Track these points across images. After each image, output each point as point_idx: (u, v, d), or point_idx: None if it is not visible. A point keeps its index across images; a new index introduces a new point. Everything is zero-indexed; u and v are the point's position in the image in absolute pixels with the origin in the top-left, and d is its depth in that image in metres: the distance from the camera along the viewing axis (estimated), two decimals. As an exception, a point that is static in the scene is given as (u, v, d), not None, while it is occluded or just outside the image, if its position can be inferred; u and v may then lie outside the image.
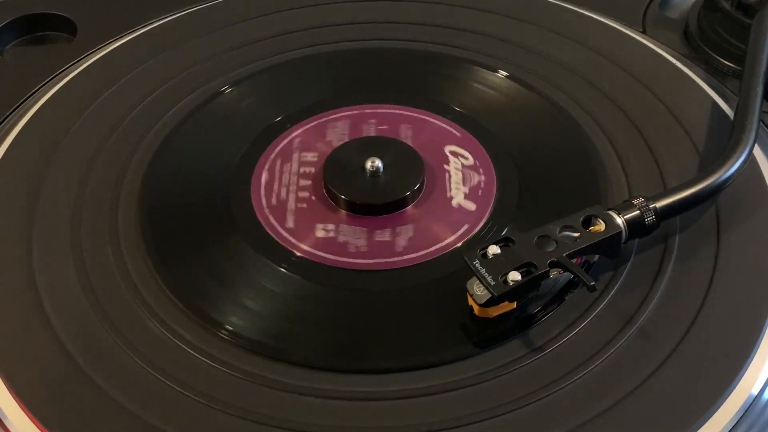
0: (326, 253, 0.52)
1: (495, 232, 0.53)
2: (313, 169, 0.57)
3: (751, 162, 0.54)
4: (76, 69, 0.65)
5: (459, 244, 0.53)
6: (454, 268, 0.51)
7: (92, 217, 0.55)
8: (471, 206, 0.55)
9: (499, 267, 0.46)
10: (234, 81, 0.64)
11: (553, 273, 0.47)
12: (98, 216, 0.55)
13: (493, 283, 0.46)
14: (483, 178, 0.57)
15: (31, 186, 0.56)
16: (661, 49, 0.66)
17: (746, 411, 0.45)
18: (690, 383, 0.46)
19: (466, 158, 0.58)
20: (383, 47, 0.66)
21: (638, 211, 0.49)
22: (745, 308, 0.49)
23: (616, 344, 0.47)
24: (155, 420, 0.45)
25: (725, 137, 0.55)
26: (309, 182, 0.57)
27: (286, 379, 0.47)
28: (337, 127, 0.60)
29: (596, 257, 0.51)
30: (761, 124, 0.57)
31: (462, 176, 0.57)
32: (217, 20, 0.69)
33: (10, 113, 0.63)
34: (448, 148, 0.59)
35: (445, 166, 0.57)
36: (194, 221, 0.55)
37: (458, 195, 0.56)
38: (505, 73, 0.64)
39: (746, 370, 0.46)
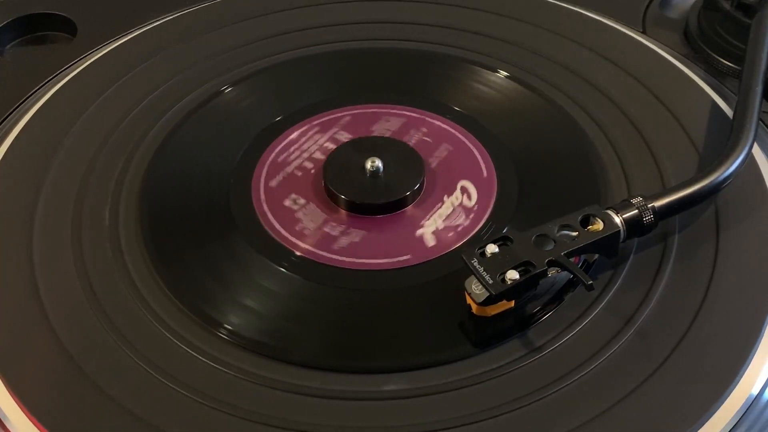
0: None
1: (495, 231, 0.53)
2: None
3: (750, 161, 0.54)
4: (76, 69, 0.65)
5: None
6: (453, 268, 0.51)
7: (92, 217, 0.55)
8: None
9: (497, 266, 0.46)
10: (234, 81, 0.64)
11: (552, 272, 0.47)
12: (98, 216, 0.55)
13: (491, 281, 0.46)
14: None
15: (32, 186, 0.56)
16: (661, 49, 0.66)
17: (746, 411, 0.45)
18: (690, 383, 0.46)
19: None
20: (383, 47, 0.66)
21: (636, 211, 0.49)
22: (744, 308, 0.49)
23: (616, 344, 0.47)
24: (155, 420, 0.45)
25: (725, 137, 0.55)
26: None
27: (286, 379, 0.46)
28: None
29: (596, 257, 0.51)
30: (760, 123, 0.57)
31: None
32: (216, 20, 0.69)
33: (10, 113, 0.63)
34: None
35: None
36: (194, 221, 0.55)
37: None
38: (505, 73, 0.64)
39: (746, 370, 0.46)
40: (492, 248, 0.47)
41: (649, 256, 0.52)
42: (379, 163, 0.55)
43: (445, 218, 0.54)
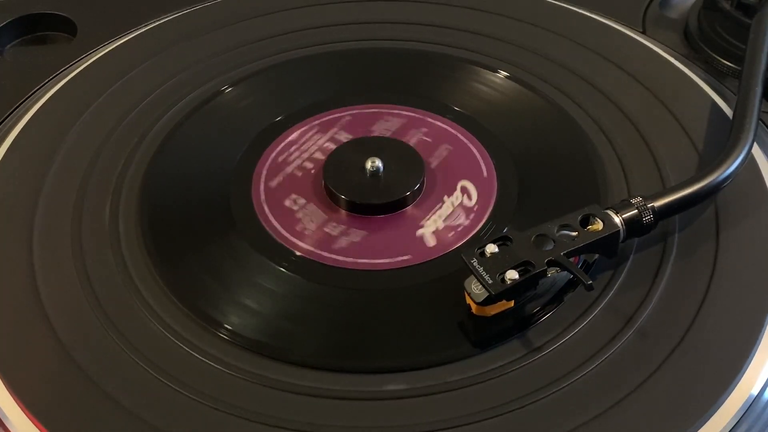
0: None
1: (495, 231, 0.53)
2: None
3: (750, 161, 0.54)
4: (76, 69, 0.65)
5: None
6: (454, 268, 0.51)
7: (92, 217, 0.55)
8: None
9: (496, 266, 0.46)
10: (234, 81, 0.64)
11: (551, 272, 0.47)
12: (98, 216, 0.55)
13: (490, 281, 0.46)
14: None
15: (32, 186, 0.56)
16: (661, 49, 0.66)
17: (746, 411, 0.45)
18: (690, 383, 0.46)
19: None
20: (383, 47, 0.66)
21: (636, 211, 0.49)
22: (744, 308, 0.49)
23: (616, 344, 0.47)
24: (155, 420, 0.45)
25: (725, 137, 0.55)
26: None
27: (286, 379, 0.46)
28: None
29: (596, 257, 0.51)
30: (760, 123, 0.57)
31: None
32: (217, 20, 0.69)
33: (10, 113, 0.63)
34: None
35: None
36: (194, 221, 0.55)
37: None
38: (505, 73, 0.64)
39: (746, 370, 0.46)
40: (492, 248, 0.47)
41: (649, 256, 0.52)
42: (379, 163, 0.55)
43: (445, 218, 0.54)
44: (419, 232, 0.54)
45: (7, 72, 0.67)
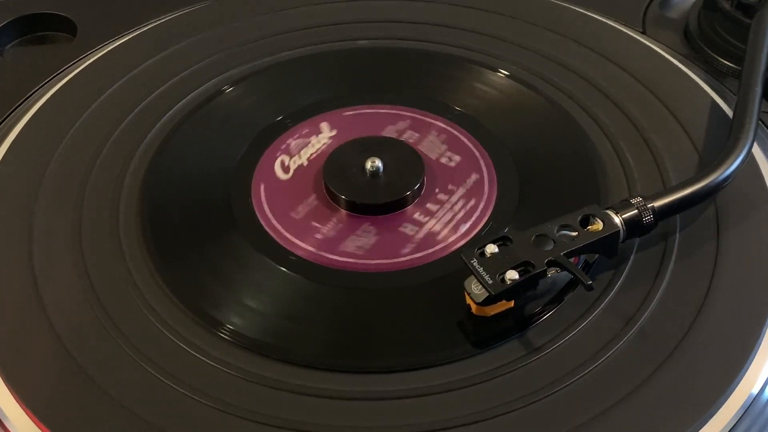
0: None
1: (495, 231, 0.53)
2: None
3: (750, 161, 0.54)
4: (76, 69, 0.65)
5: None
6: (454, 268, 0.51)
7: (92, 217, 0.55)
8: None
9: (496, 266, 0.46)
10: (234, 81, 0.64)
11: (551, 272, 0.47)
12: (98, 216, 0.55)
13: (490, 281, 0.46)
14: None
15: (32, 186, 0.56)
16: (661, 49, 0.66)
17: (746, 411, 0.45)
18: (690, 383, 0.46)
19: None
20: (383, 47, 0.66)
21: (636, 211, 0.49)
22: (745, 308, 0.49)
23: (616, 344, 0.47)
24: (155, 420, 0.45)
25: (725, 137, 0.54)
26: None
27: (286, 379, 0.46)
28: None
29: (596, 257, 0.51)
30: (760, 123, 0.57)
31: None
32: (216, 20, 0.69)
33: (10, 113, 0.63)
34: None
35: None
36: (194, 221, 0.55)
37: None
38: (505, 73, 0.64)
39: (746, 370, 0.46)
40: (492, 248, 0.47)
41: (649, 256, 0.52)
42: (379, 163, 0.55)
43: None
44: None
45: (7, 72, 0.67)
